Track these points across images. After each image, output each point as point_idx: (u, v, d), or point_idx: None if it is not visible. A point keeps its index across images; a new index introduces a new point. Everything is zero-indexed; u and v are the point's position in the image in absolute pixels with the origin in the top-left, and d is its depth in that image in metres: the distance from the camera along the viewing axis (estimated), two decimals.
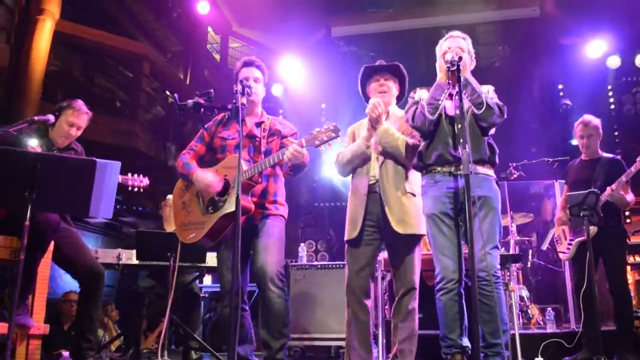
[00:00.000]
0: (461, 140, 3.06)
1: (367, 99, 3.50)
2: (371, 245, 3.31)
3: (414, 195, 3.27)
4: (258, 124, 3.48)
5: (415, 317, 3.22)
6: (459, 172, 3.11)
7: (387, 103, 3.45)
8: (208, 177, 3.29)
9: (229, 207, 3.14)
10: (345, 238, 3.38)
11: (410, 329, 3.19)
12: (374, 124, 3.30)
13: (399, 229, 3.17)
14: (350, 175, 3.49)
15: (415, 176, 3.35)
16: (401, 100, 3.60)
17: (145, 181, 4.07)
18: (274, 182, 3.44)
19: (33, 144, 3.58)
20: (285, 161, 3.13)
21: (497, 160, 3.27)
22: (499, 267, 3.07)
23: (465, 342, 3.05)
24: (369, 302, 3.32)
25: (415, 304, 3.22)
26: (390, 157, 3.30)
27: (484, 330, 2.91)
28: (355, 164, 3.40)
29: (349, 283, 3.32)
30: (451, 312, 3.04)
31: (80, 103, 3.79)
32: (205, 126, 3.58)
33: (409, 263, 3.23)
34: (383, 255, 3.89)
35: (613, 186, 4.18)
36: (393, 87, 3.52)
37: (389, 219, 3.18)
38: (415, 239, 3.26)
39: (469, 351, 3.02)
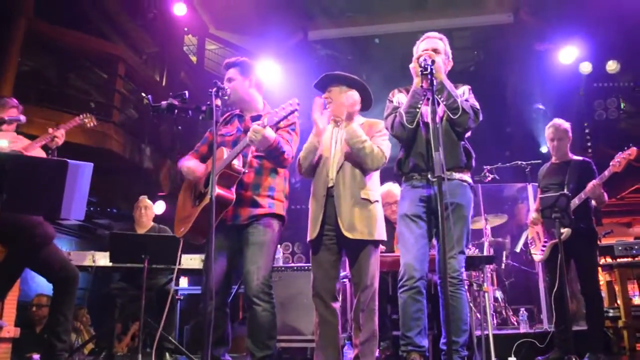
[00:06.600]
0: (432, 145, 3.08)
1: None
2: (332, 247, 3.28)
3: (369, 201, 3.23)
4: (255, 118, 3.37)
5: (375, 319, 3.20)
6: (434, 179, 3.13)
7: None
8: (190, 163, 3.37)
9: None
10: (307, 239, 3.35)
11: (370, 330, 3.17)
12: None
13: (347, 234, 3.15)
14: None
15: (374, 182, 3.33)
16: (369, 108, 3.50)
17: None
18: (270, 176, 3.35)
19: (3, 144, 3.52)
20: (249, 143, 3.06)
21: (473, 164, 3.29)
22: (462, 270, 3.13)
23: (424, 342, 3.06)
24: (337, 305, 3.30)
25: (373, 304, 3.19)
26: (350, 160, 3.26)
27: (445, 329, 2.96)
28: (310, 159, 3.32)
29: (314, 286, 3.30)
30: (410, 310, 3.06)
31: (6, 98, 3.80)
32: (210, 128, 3.54)
33: (362, 267, 3.19)
34: None
35: (596, 181, 4.23)
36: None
37: (339, 223, 3.17)
38: (368, 244, 3.21)
39: (427, 352, 3.05)
